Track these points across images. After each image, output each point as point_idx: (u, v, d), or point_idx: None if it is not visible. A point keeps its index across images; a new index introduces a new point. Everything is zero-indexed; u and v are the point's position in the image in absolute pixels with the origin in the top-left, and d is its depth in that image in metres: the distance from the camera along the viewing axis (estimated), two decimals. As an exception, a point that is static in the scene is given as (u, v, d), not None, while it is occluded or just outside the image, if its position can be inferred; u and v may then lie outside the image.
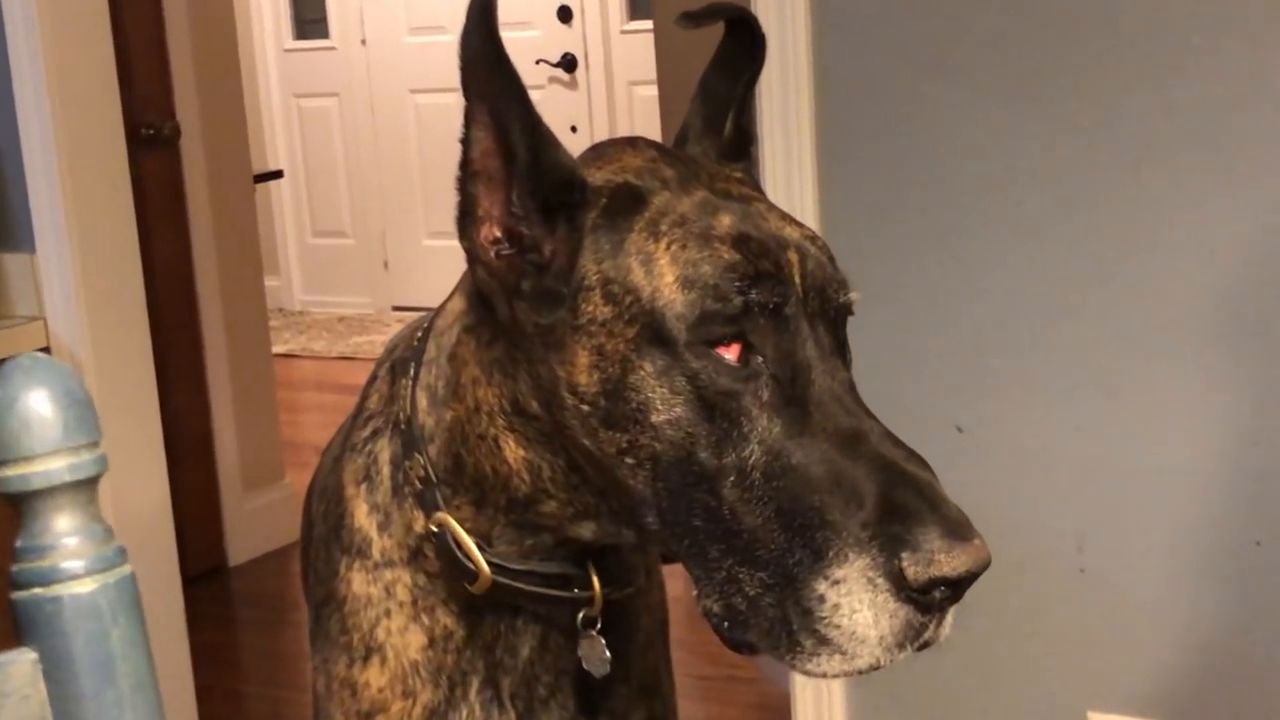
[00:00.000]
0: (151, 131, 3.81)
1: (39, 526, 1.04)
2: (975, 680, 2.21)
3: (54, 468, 1.01)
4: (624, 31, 6.56)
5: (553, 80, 6.69)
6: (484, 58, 1.06)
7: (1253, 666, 2.04)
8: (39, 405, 0.92)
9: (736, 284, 1.07)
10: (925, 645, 1.03)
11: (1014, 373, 2.14)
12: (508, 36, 1.04)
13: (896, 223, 2.17)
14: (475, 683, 1.28)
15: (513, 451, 1.19)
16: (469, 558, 1.22)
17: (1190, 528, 2.05)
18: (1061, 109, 2.02)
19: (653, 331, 1.08)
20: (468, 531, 1.23)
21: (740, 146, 1.29)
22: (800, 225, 1.16)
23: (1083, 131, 2.01)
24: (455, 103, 1.25)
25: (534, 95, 1.08)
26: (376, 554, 1.29)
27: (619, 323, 1.10)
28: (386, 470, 1.29)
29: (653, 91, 4.40)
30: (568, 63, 6.67)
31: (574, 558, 1.24)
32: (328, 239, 7.68)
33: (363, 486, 1.30)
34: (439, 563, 1.26)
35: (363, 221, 7.55)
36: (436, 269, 6.69)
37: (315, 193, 7.61)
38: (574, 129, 6.58)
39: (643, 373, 1.08)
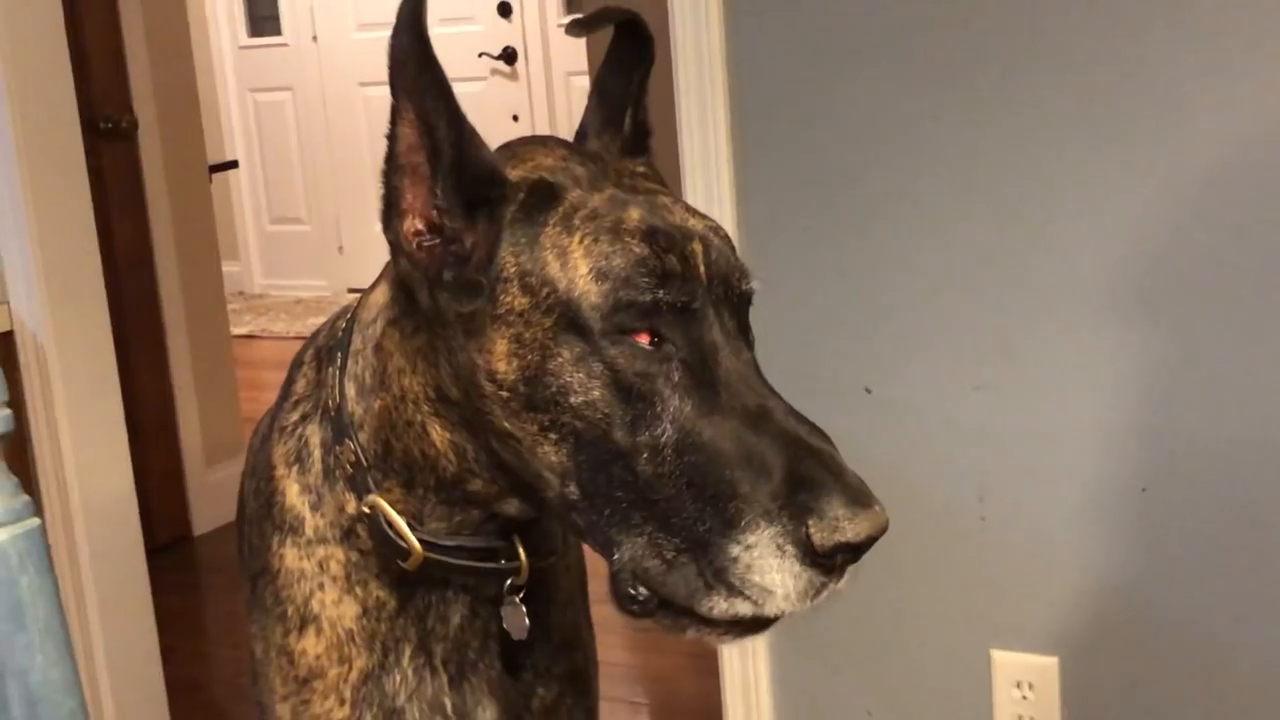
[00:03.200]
0: (109, 125, 3.90)
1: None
2: (886, 624, 2.23)
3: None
4: (560, 25, 6.59)
5: (495, 72, 6.74)
6: (413, 57, 1.05)
7: (1141, 604, 2.06)
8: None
9: (646, 279, 1.07)
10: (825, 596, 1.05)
11: (920, 339, 2.13)
12: (452, 32, 1.06)
13: (811, 203, 2.14)
14: (408, 650, 1.29)
15: (439, 435, 1.19)
16: (401, 537, 1.22)
17: (1084, 479, 2.07)
18: (968, 92, 2.00)
19: (569, 320, 1.08)
20: (399, 512, 1.22)
21: (639, 141, 1.28)
22: (703, 216, 1.16)
23: (983, 110, 2.00)
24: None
25: (477, 87, 1.10)
26: (309, 531, 1.28)
27: (536, 312, 1.09)
28: (318, 454, 1.28)
29: (588, 82, 4.41)
30: (508, 55, 6.73)
31: (500, 531, 1.25)
32: (285, 225, 7.77)
33: (294, 468, 1.29)
34: (371, 541, 1.25)
35: (318, 209, 7.63)
36: (389, 253, 6.68)
37: (272, 182, 7.69)
38: (515, 118, 6.69)
39: (561, 359, 1.08)
